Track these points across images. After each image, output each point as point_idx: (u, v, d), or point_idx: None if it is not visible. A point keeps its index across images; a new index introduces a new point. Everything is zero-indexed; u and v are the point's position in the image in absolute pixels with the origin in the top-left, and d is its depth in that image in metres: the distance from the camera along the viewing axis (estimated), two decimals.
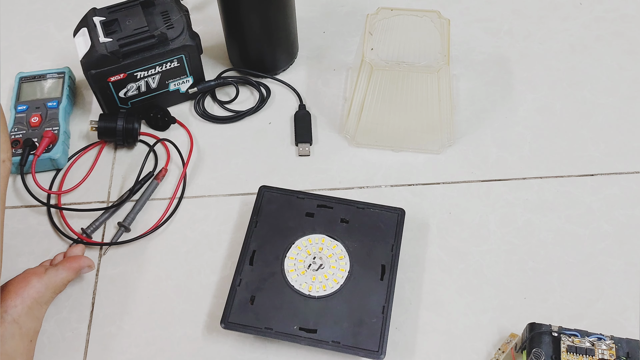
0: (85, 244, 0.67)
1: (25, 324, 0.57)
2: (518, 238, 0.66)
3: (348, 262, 0.62)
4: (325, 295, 0.60)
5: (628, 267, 0.64)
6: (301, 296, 0.60)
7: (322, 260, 0.62)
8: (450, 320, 0.62)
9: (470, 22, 0.85)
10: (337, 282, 0.60)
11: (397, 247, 0.62)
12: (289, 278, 0.60)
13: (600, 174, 0.71)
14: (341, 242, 0.63)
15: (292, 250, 0.62)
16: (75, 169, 0.73)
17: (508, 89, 0.78)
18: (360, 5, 0.87)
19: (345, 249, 0.62)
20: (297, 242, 0.63)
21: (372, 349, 0.57)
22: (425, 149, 0.72)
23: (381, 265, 0.61)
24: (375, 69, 0.65)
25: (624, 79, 0.78)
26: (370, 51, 0.67)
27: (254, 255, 0.62)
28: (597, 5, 0.86)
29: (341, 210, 0.65)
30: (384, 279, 0.60)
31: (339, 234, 0.63)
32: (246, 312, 0.59)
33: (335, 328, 0.58)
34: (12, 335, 0.56)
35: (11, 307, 0.57)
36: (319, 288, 0.60)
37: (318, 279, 0.60)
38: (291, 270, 0.61)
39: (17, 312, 0.57)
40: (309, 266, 0.61)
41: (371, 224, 0.64)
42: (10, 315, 0.57)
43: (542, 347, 0.54)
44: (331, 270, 0.61)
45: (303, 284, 0.60)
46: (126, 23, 0.69)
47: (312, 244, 0.63)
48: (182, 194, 0.71)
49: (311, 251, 0.62)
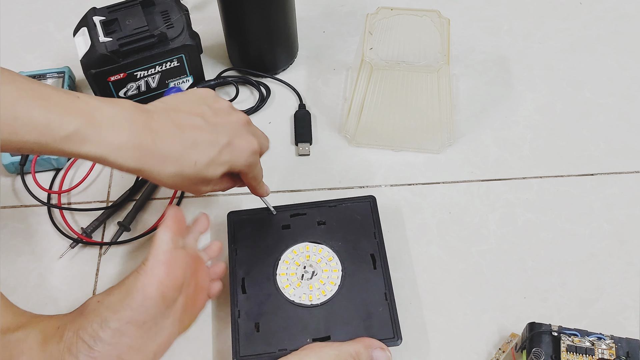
0: (85, 243, 0.67)
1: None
2: (518, 238, 0.66)
3: (338, 261, 0.61)
4: (327, 301, 0.59)
5: (628, 267, 0.64)
6: (304, 308, 0.59)
7: (313, 267, 0.61)
8: (450, 320, 0.62)
9: (470, 22, 0.85)
10: (334, 284, 0.60)
11: (379, 233, 0.62)
12: (287, 294, 0.59)
13: (600, 174, 0.71)
14: (325, 244, 0.62)
15: (281, 266, 0.61)
16: (75, 169, 0.73)
17: (508, 89, 0.78)
18: (360, 5, 0.87)
19: (332, 249, 0.62)
20: (283, 256, 0.62)
21: (388, 336, 0.57)
22: (425, 149, 0.72)
23: (370, 255, 0.61)
24: (375, 69, 0.65)
25: (624, 79, 0.79)
26: (369, 51, 0.67)
27: (244, 282, 0.60)
28: (597, 5, 0.86)
29: (314, 213, 0.64)
30: (377, 267, 0.60)
31: (320, 237, 0.63)
32: (255, 341, 0.57)
33: (347, 328, 0.57)
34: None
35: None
36: (319, 295, 0.59)
37: (315, 287, 0.60)
38: (286, 286, 0.60)
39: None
40: (302, 277, 0.61)
41: (348, 219, 0.63)
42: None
43: (542, 347, 0.54)
44: (325, 274, 0.60)
45: (302, 296, 0.59)
46: (126, 23, 0.69)
47: (298, 254, 0.62)
48: (182, 194, 0.71)
49: (299, 262, 0.61)
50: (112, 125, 0.47)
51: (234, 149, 0.53)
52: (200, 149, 0.51)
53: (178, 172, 0.50)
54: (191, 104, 0.53)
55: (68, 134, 0.46)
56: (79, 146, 0.46)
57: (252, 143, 0.54)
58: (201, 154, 0.51)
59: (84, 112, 0.47)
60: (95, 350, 0.51)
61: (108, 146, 0.47)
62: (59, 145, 0.46)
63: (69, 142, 0.46)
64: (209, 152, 0.51)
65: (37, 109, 0.45)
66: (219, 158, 0.52)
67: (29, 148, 0.46)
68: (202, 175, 0.52)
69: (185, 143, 0.50)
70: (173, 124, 0.51)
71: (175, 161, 0.50)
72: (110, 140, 0.47)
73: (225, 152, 0.52)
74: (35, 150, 0.46)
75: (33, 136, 0.45)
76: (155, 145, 0.49)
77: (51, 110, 0.46)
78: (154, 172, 0.49)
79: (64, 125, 0.46)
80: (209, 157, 0.51)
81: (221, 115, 0.54)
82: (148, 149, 0.48)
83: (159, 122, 0.50)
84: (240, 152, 0.53)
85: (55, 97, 0.46)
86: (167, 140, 0.49)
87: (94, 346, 0.51)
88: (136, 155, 0.48)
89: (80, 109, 0.47)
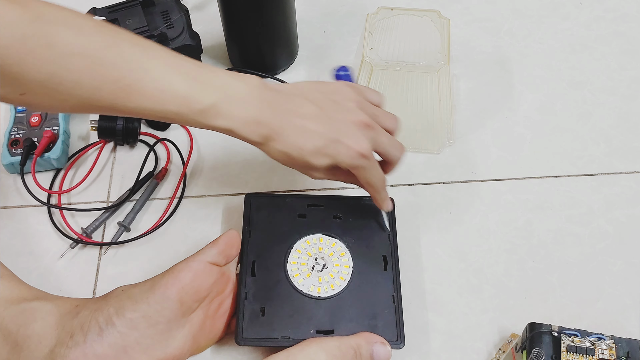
0: (85, 243, 0.67)
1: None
2: (518, 238, 0.66)
3: (350, 258, 0.61)
4: (334, 295, 0.59)
5: (628, 267, 0.64)
6: (311, 299, 0.59)
7: (325, 259, 0.61)
8: (450, 320, 0.62)
9: (470, 22, 0.85)
10: (343, 279, 0.60)
11: (394, 236, 0.62)
12: (295, 283, 0.60)
13: (600, 174, 0.71)
14: (339, 239, 0.62)
15: (293, 254, 0.61)
16: (75, 169, 0.73)
17: (508, 89, 0.78)
18: (360, 5, 0.86)
19: (345, 245, 0.62)
20: (296, 245, 0.62)
21: (391, 338, 0.56)
22: (425, 149, 0.72)
23: (382, 256, 0.61)
24: (375, 69, 0.65)
25: (624, 79, 0.79)
26: (369, 51, 0.67)
27: (254, 265, 0.60)
28: (597, 4, 0.86)
29: (332, 207, 0.64)
30: (388, 269, 0.60)
31: (335, 231, 0.63)
32: (259, 325, 0.57)
33: (351, 325, 0.57)
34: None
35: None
36: (327, 288, 0.59)
37: (325, 279, 0.60)
38: (296, 274, 0.60)
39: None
40: (313, 268, 0.61)
41: (364, 217, 0.63)
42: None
43: (542, 347, 0.54)
44: (335, 269, 0.61)
45: (311, 287, 0.59)
46: (126, 22, 0.69)
47: (311, 245, 0.62)
48: (182, 194, 0.71)
49: (312, 252, 0.62)
50: (242, 102, 0.52)
51: (340, 145, 0.54)
52: (306, 136, 0.53)
53: (286, 152, 0.54)
54: (319, 94, 0.56)
55: (205, 107, 0.51)
56: (213, 119, 0.51)
57: (362, 145, 0.55)
58: (307, 142, 0.53)
59: (219, 87, 0.51)
60: (105, 334, 0.52)
61: (236, 120, 0.52)
62: (195, 117, 0.51)
63: (204, 114, 0.51)
64: (314, 142, 0.54)
65: (180, 82, 0.50)
66: (324, 149, 0.54)
67: (169, 118, 0.51)
68: (307, 161, 0.54)
69: (295, 128, 0.53)
70: (290, 108, 0.54)
71: (284, 142, 0.53)
72: (238, 114, 0.52)
73: (331, 146, 0.54)
74: (174, 120, 0.51)
75: (174, 107, 0.50)
76: (271, 124, 0.53)
77: (191, 84, 0.50)
78: (268, 147, 0.54)
79: (202, 99, 0.51)
80: (315, 146, 0.54)
81: (342, 112, 0.55)
82: (267, 125, 0.53)
83: (279, 103, 0.54)
84: (346, 151, 0.54)
85: (195, 71, 0.51)
86: (281, 121, 0.53)
87: (105, 330, 0.52)
88: (257, 130, 0.53)
89: (216, 85, 0.51)
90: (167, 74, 0.50)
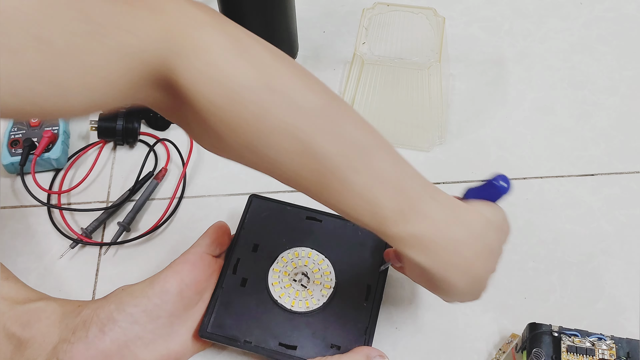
0: (85, 243, 0.67)
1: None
2: (518, 238, 0.66)
3: (333, 278, 0.60)
4: (307, 312, 0.58)
5: (628, 267, 0.64)
6: (283, 310, 0.58)
7: (308, 274, 0.60)
8: (450, 320, 0.62)
9: (470, 21, 0.85)
10: (320, 299, 0.58)
11: (384, 272, 0.60)
12: (272, 291, 0.59)
13: (600, 174, 0.71)
14: (328, 258, 0.61)
15: (278, 262, 0.60)
16: (75, 169, 0.73)
17: (508, 89, 0.78)
18: (360, 5, 0.86)
19: (332, 264, 0.60)
20: (283, 253, 0.61)
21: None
22: (414, 146, 0.72)
23: (367, 285, 0.59)
24: (366, 63, 0.65)
25: (624, 79, 0.78)
26: (362, 45, 0.67)
27: (238, 263, 0.60)
28: (597, 4, 0.86)
29: (330, 224, 0.63)
30: (369, 300, 0.58)
31: (326, 248, 0.61)
32: (226, 323, 0.57)
33: (315, 347, 0.56)
34: None
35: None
36: (302, 304, 0.58)
37: (302, 295, 0.59)
38: (275, 282, 0.59)
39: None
40: (294, 280, 0.60)
41: (360, 242, 0.62)
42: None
43: (542, 347, 0.54)
44: (316, 287, 0.59)
45: (286, 298, 0.58)
46: None
47: (299, 257, 0.61)
48: (182, 194, 0.71)
49: (297, 264, 0.60)
50: (453, 245, 0.46)
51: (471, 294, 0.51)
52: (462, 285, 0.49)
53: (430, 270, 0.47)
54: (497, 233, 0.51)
55: (404, 236, 0.45)
56: (408, 249, 0.46)
57: (476, 298, 0.52)
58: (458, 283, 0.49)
59: (430, 219, 0.46)
60: (106, 329, 0.52)
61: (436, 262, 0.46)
62: (389, 240, 0.46)
63: (401, 243, 0.46)
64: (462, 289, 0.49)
65: (388, 201, 0.45)
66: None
67: (361, 223, 0.46)
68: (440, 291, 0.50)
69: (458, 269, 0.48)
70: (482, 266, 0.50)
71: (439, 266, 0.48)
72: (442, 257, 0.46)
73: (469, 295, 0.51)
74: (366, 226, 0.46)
75: (374, 224, 0.45)
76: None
77: (401, 205, 0.45)
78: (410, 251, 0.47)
79: (405, 228, 0.45)
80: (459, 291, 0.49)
81: (497, 255, 0.51)
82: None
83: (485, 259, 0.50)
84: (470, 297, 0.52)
85: (410, 190, 0.46)
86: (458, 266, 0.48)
87: (106, 326, 0.53)
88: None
89: (426, 215, 0.46)
90: (374, 187, 0.44)
